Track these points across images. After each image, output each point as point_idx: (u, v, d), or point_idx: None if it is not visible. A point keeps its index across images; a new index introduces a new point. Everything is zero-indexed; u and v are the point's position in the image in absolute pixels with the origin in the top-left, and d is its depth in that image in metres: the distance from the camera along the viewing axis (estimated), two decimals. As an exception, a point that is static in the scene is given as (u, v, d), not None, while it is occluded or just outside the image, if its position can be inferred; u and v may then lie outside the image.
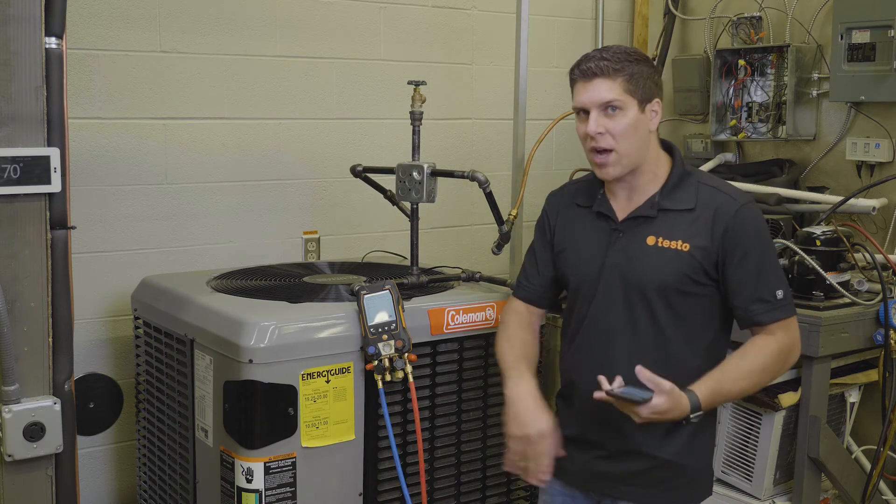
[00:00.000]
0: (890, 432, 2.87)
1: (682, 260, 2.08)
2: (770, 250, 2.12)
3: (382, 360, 2.40)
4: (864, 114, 3.44)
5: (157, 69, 3.15)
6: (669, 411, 1.95)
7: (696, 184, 2.14)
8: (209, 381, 2.45)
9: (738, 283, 2.09)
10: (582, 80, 2.08)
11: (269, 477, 2.33)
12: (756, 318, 2.09)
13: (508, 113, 3.16)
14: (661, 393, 1.93)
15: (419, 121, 2.83)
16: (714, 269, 2.09)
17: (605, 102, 2.05)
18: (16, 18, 2.14)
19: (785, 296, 2.10)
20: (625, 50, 2.10)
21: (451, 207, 3.78)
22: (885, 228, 3.34)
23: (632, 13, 4.28)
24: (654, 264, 2.10)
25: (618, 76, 2.05)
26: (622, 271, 2.13)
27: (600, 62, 2.06)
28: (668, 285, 2.08)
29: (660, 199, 2.13)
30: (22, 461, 2.23)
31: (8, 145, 2.16)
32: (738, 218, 2.08)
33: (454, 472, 2.66)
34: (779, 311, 2.09)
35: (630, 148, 2.08)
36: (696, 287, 2.10)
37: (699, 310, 2.12)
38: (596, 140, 2.07)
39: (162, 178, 3.19)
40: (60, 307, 2.28)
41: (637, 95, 2.07)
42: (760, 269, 2.08)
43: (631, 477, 2.16)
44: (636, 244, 2.13)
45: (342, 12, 3.50)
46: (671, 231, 2.10)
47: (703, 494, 2.22)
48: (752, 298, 2.09)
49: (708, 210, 2.10)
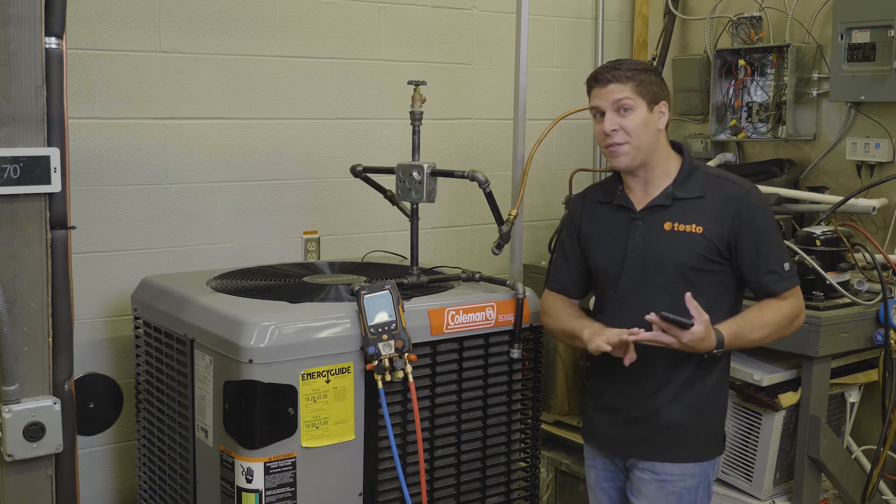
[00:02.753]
0: (890, 432, 2.88)
1: (696, 241, 2.36)
2: (775, 228, 2.41)
3: (382, 360, 2.40)
4: (864, 114, 3.44)
5: (157, 69, 3.15)
6: (703, 340, 2.24)
7: (703, 175, 2.43)
8: (209, 381, 2.45)
9: (751, 260, 2.36)
10: (598, 87, 2.40)
11: (269, 477, 2.33)
12: (770, 289, 2.37)
13: (508, 113, 3.16)
14: (701, 322, 2.22)
15: (419, 121, 2.83)
16: (727, 248, 2.36)
17: (618, 101, 2.35)
18: (16, 18, 2.15)
19: (791, 267, 2.40)
20: (634, 62, 2.45)
21: (451, 207, 3.78)
22: (885, 228, 3.34)
23: (632, 13, 4.28)
24: (672, 246, 2.38)
25: (628, 81, 2.36)
26: (643, 254, 2.40)
27: (613, 71, 2.38)
28: (684, 264, 2.36)
29: (673, 189, 2.41)
30: (22, 461, 2.23)
31: (8, 145, 2.16)
32: (746, 202, 2.37)
33: (454, 472, 2.66)
34: (788, 281, 2.38)
35: (641, 141, 2.37)
36: (710, 265, 2.36)
37: (714, 284, 2.38)
38: (611, 136, 2.37)
39: (162, 178, 3.19)
40: (60, 307, 2.28)
41: (646, 97, 2.37)
42: (769, 246, 2.37)
43: (647, 438, 2.43)
44: (654, 230, 2.40)
45: (342, 12, 3.50)
46: (685, 216, 2.38)
47: (711, 453, 2.47)
48: (764, 271, 2.36)
49: (717, 197, 2.38)
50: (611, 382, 2.49)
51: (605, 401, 2.52)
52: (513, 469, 2.79)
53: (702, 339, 2.24)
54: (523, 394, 2.79)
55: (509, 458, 2.78)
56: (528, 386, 2.79)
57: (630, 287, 2.43)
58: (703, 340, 2.25)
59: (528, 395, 2.80)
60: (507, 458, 2.77)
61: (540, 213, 3.89)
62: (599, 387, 2.55)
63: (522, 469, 2.83)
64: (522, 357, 2.74)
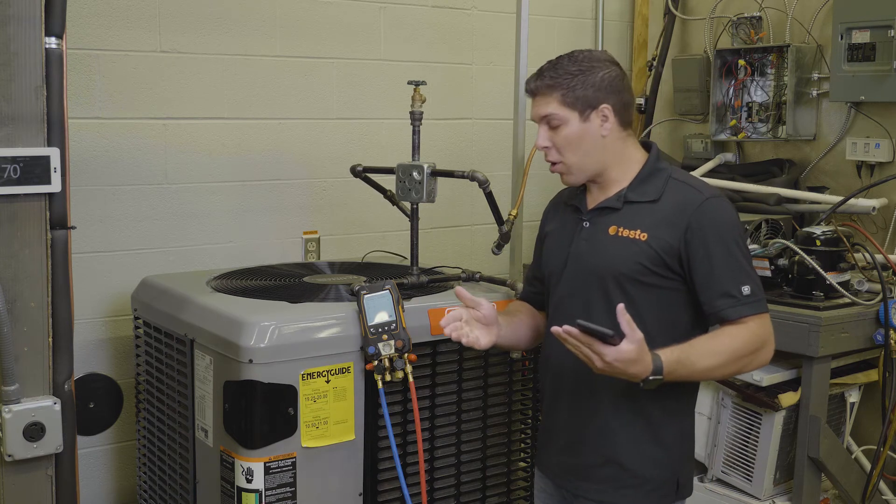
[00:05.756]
0: (890, 432, 2.88)
1: (638, 249, 2.06)
2: (736, 245, 2.05)
3: (382, 360, 2.40)
4: (864, 114, 3.44)
5: (157, 69, 3.15)
6: (633, 363, 1.87)
7: (666, 178, 2.12)
8: (209, 381, 2.45)
9: (703, 278, 2.04)
10: (529, 97, 2.17)
11: (269, 477, 2.33)
12: (722, 314, 2.03)
13: (508, 113, 3.16)
14: (633, 341, 1.86)
15: (419, 121, 2.83)
16: (677, 262, 2.05)
17: (542, 117, 2.12)
18: (16, 18, 2.14)
19: (753, 292, 2.03)
20: (572, 60, 2.11)
21: (451, 207, 3.78)
22: (885, 228, 3.34)
23: (632, 13, 4.28)
24: (612, 253, 2.09)
25: (553, 92, 2.09)
26: (583, 259, 2.14)
27: (537, 81, 2.12)
28: (623, 274, 2.06)
29: (627, 191, 2.13)
30: (22, 461, 2.23)
31: (8, 145, 2.16)
32: (702, 211, 2.04)
33: (454, 472, 2.66)
34: (746, 308, 2.02)
35: (576, 158, 2.11)
36: (654, 278, 2.06)
37: (662, 302, 2.07)
38: (545, 154, 2.16)
39: (162, 178, 3.19)
40: (60, 307, 2.28)
41: (576, 107, 2.08)
42: (725, 264, 2.02)
43: (584, 470, 2.16)
44: (599, 234, 2.13)
45: (342, 12, 3.50)
46: (632, 221, 2.09)
47: (662, 499, 2.13)
48: (717, 294, 2.02)
49: (673, 203, 2.07)
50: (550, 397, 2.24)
51: (545, 420, 2.29)
52: (513, 469, 2.79)
53: (632, 360, 1.86)
54: (523, 394, 2.79)
55: (509, 458, 2.78)
56: (528, 386, 2.79)
57: (568, 293, 2.17)
58: (635, 363, 1.87)
59: (528, 395, 2.79)
60: (507, 458, 2.77)
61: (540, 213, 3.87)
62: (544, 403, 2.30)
63: (522, 469, 2.83)
64: (522, 357, 2.74)
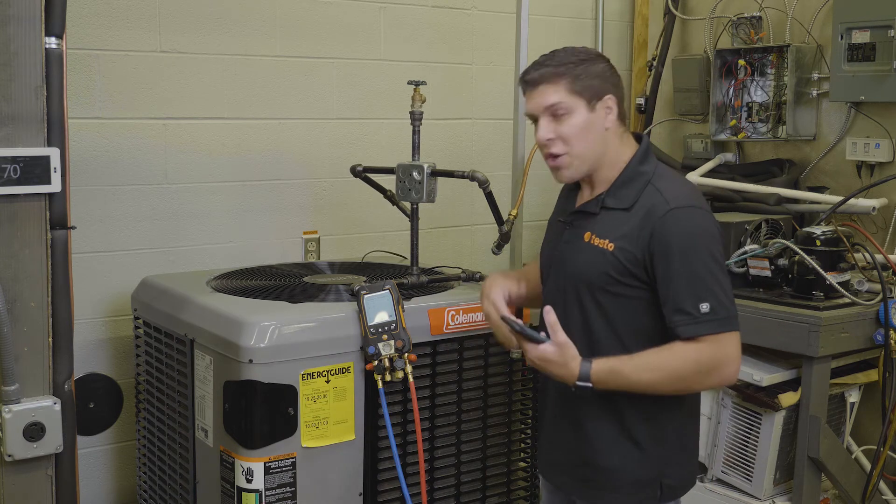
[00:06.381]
0: (890, 432, 2.88)
1: (605, 259, 2.01)
2: (700, 258, 1.94)
3: (382, 360, 2.40)
4: (864, 114, 3.44)
5: (157, 69, 3.15)
6: (553, 364, 1.94)
7: (644, 184, 2.03)
8: (209, 381, 2.45)
9: (663, 291, 1.96)
10: (528, 90, 2.05)
11: (269, 477, 2.33)
12: (676, 331, 1.94)
13: (508, 113, 3.16)
14: (554, 343, 1.93)
15: (419, 121, 2.83)
16: (643, 272, 1.98)
17: (550, 106, 2.01)
18: (16, 18, 2.14)
19: (713, 310, 1.92)
20: (570, 51, 2.05)
21: (451, 207, 3.78)
22: (885, 228, 3.34)
23: (632, 13, 4.28)
24: (584, 260, 2.05)
25: (560, 80, 2.00)
26: (562, 265, 2.12)
27: (541, 69, 2.02)
28: (593, 283, 2.03)
29: (605, 196, 2.07)
30: (22, 461, 2.23)
31: (8, 145, 2.16)
32: (665, 221, 1.95)
33: (454, 472, 2.66)
34: (701, 326, 1.92)
35: (584, 149, 2.03)
36: (622, 288, 2.00)
37: (629, 312, 2.02)
38: (548, 146, 2.04)
39: (162, 178, 3.19)
40: (60, 307, 2.28)
41: (585, 95, 2.00)
42: (683, 279, 1.93)
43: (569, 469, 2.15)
44: (576, 239, 2.09)
45: (342, 12, 3.50)
46: (604, 229, 2.04)
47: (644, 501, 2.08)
48: (672, 309, 1.94)
49: (641, 211, 2.00)
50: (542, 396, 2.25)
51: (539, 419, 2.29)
52: (513, 469, 2.79)
53: (552, 361, 1.92)
54: (523, 394, 2.79)
55: (509, 459, 2.78)
56: (528, 386, 2.79)
57: (551, 295, 2.14)
58: (557, 365, 1.92)
59: (528, 396, 2.79)
60: (507, 458, 2.77)
61: (540, 213, 3.88)
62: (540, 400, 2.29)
63: (522, 469, 2.83)
64: (522, 357, 2.74)
